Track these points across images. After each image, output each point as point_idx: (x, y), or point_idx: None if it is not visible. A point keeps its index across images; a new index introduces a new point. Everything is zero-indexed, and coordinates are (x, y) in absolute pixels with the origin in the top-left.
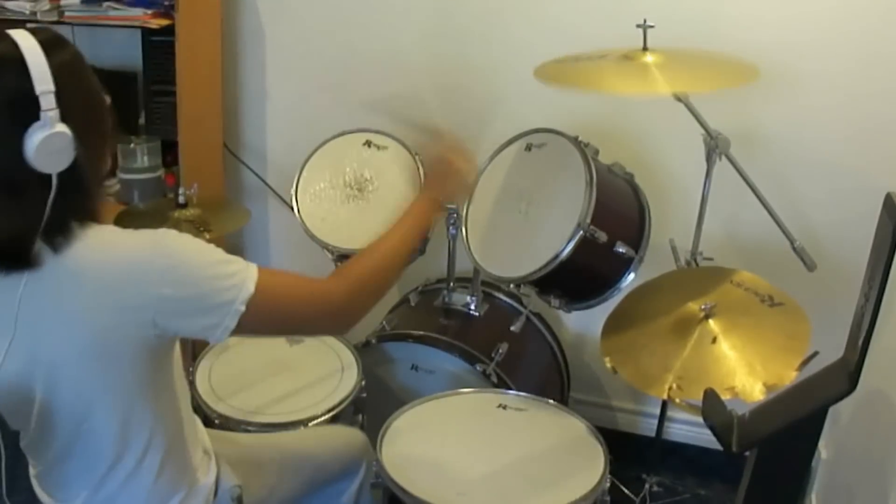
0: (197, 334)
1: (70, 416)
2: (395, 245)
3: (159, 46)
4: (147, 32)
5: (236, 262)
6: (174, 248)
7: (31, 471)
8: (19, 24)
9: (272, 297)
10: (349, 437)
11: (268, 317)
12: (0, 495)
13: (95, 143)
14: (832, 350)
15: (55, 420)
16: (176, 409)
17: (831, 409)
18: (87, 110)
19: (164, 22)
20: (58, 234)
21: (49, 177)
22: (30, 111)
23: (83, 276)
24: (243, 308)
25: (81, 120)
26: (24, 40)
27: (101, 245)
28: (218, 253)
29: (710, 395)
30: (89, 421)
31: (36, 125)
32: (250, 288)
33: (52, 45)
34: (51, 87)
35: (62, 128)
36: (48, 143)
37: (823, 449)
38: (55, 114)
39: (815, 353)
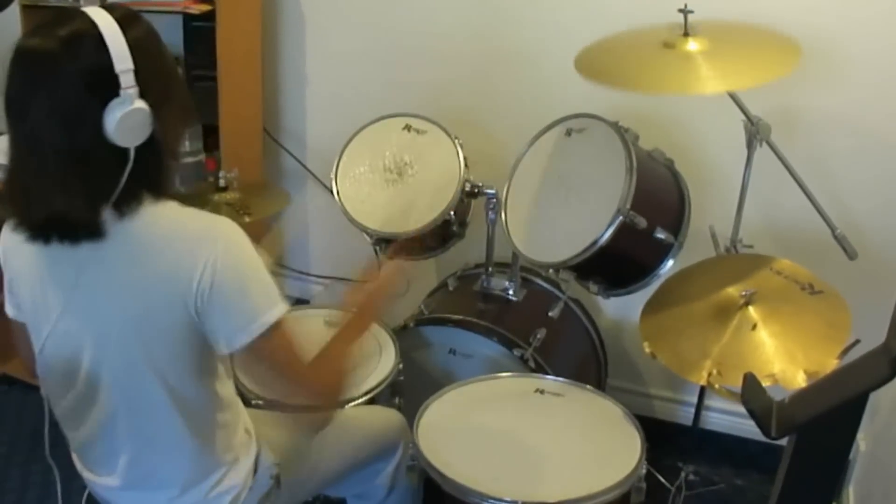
0: (213, 332)
1: (115, 384)
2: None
3: (200, 32)
4: (188, 18)
5: (276, 289)
6: (232, 237)
7: (72, 444)
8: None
9: (281, 343)
10: (387, 417)
11: (269, 357)
12: (44, 455)
13: (171, 116)
14: (874, 339)
15: (100, 387)
16: (220, 386)
17: (870, 402)
18: (163, 85)
19: (205, 8)
20: (127, 204)
21: (125, 150)
22: (108, 87)
23: (143, 248)
24: (261, 331)
25: (158, 94)
26: (101, 17)
27: (164, 219)
28: (265, 269)
29: (750, 380)
30: (134, 391)
31: (115, 101)
32: (275, 315)
33: (127, 21)
34: (130, 64)
35: (141, 104)
36: (127, 118)
37: (862, 441)
38: (134, 91)
39: (857, 342)
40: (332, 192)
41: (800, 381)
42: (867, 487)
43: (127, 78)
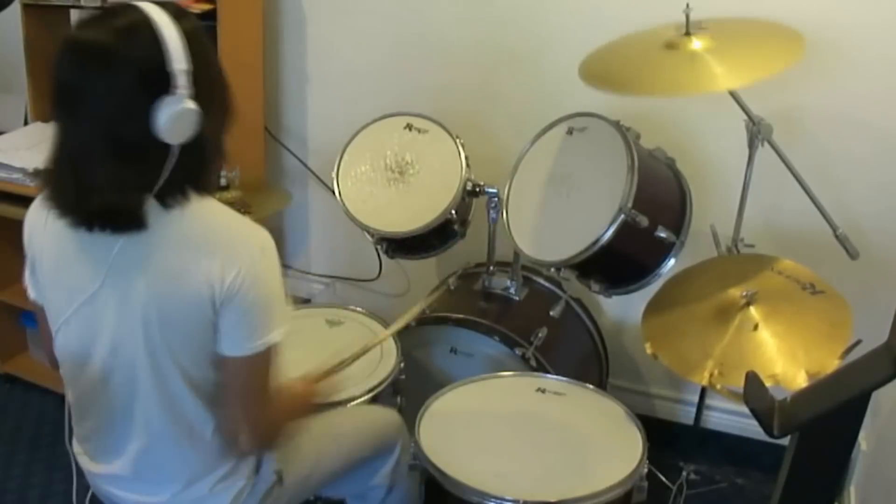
0: (223, 333)
1: (134, 371)
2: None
3: None
4: None
5: (289, 311)
6: (270, 252)
7: (78, 433)
8: (62, 9)
9: (267, 366)
10: (385, 416)
11: (254, 375)
12: (45, 454)
13: (216, 115)
14: (875, 339)
15: (117, 372)
16: None
17: (872, 402)
18: (211, 84)
19: (206, 6)
20: (173, 197)
21: (169, 145)
22: (160, 83)
23: (184, 239)
24: (262, 349)
25: (206, 93)
26: (157, 13)
27: (207, 216)
28: (284, 289)
29: (752, 379)
30: (154, 379)
31: (168, 99)
32: (278, 337)
33: (181, 18)
34: (184, 64)
35: (192, 104)
36: (178, 117)
37: (864, 441)
38: (187, 90)
39: (858, 342)
40: (333, 191)
41: (801, 380)
42: (869, 487)
43: (182, 77)
